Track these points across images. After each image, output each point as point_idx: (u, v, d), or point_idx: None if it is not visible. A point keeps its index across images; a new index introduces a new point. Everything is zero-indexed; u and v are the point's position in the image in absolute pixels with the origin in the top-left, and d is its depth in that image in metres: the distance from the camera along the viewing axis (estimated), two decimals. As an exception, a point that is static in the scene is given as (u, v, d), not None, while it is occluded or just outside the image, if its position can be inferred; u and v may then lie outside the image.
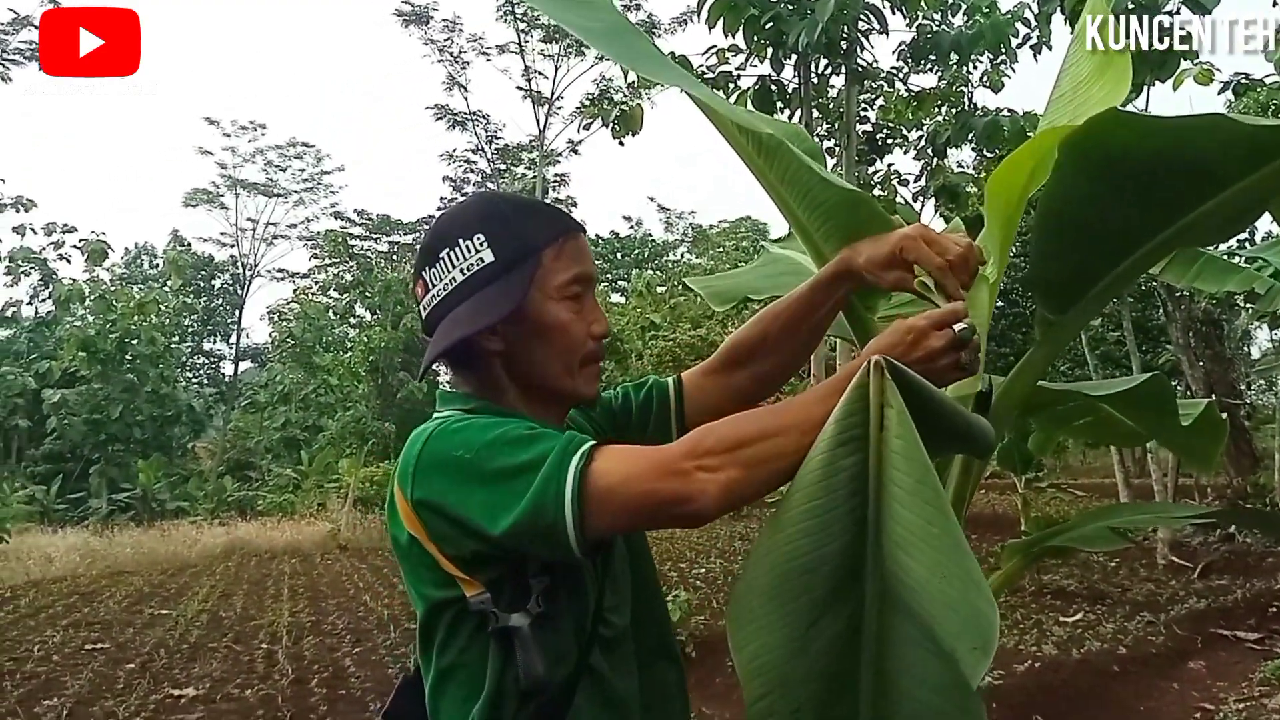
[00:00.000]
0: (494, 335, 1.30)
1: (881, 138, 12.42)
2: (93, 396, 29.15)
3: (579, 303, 1.32)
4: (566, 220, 1.34)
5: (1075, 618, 7.77)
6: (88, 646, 8.96)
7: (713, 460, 1.08)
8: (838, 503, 1.02)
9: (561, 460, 1.11)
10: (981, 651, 0.95)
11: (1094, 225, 1.21)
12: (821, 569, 1.02)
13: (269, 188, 41.78)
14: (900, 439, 1.01)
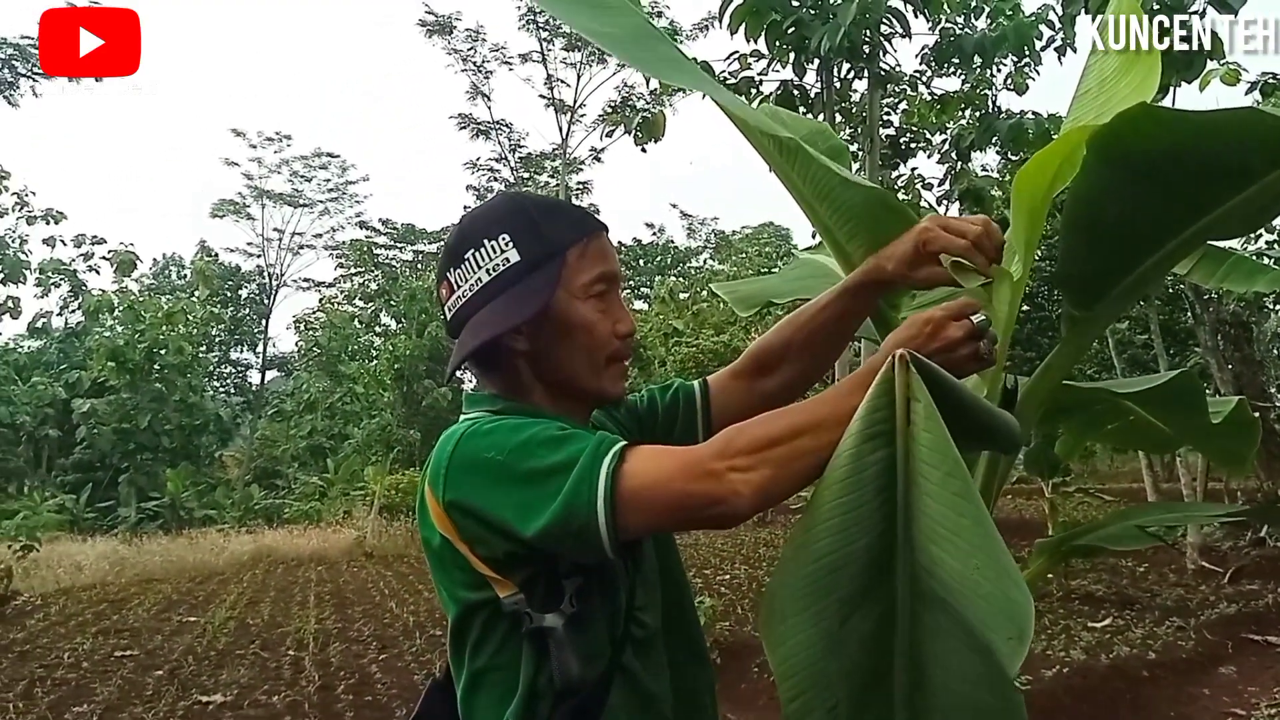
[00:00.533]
0: (520, 335, 1.30)
1: (905, 142, 12.38)
2: (122, 406, 29.41)
3: (604, 301, 1.32)
4: (590, 220, 1.34)
5: (1104, 623, 7.70)
6: (117, 653, 9.04)
7: (744, 460, 1.07)
8: (866, 498, 1.02)
9: (594, 461, 1.11)
10: (1018, 641, 0.95)
11: (1121, 221, 1.20)
12: (851, 566, 1.02)
13: (294, 198, 42.11)
14: (928, 432, 1.01)
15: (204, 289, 37.70)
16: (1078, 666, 6.41)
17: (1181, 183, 1.14)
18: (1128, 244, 1.23)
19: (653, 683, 1.29)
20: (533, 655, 1.20)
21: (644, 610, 1.30)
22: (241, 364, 45.56)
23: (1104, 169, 1.15)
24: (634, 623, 1.28)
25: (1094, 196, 1.19)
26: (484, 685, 1.24)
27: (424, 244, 44.03)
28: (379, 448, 30.62)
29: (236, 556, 17.89)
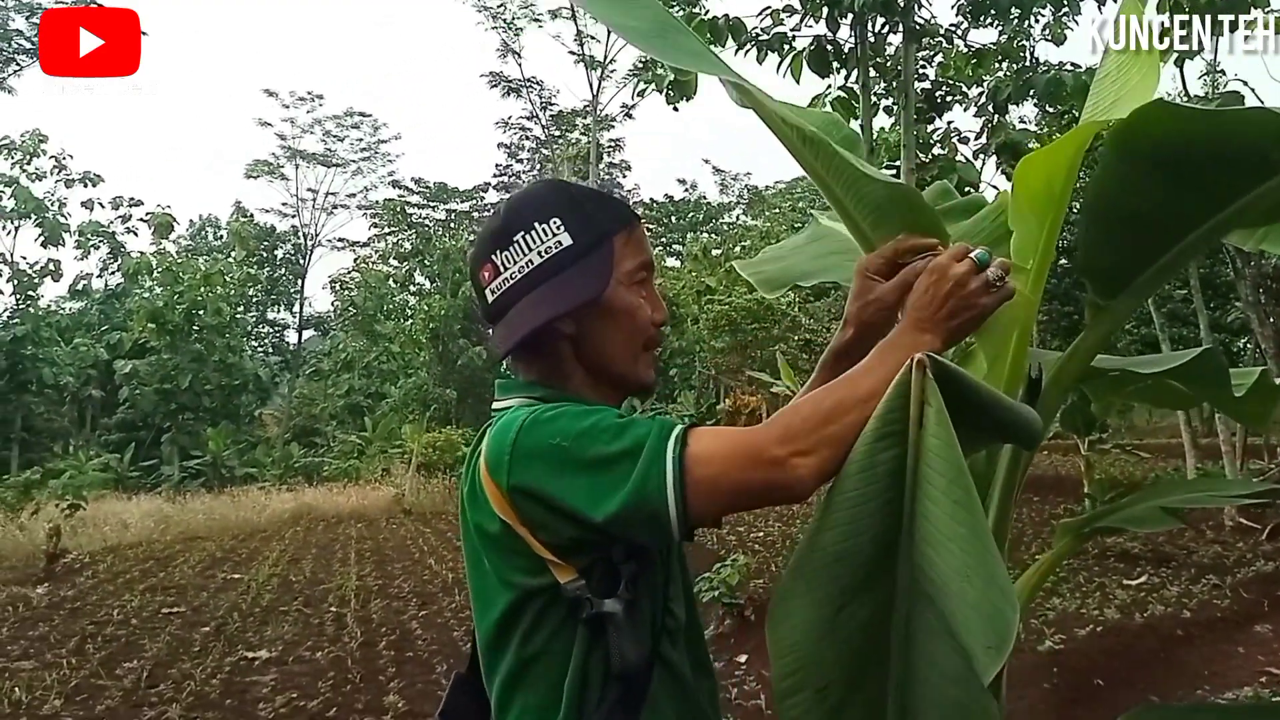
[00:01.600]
0: (568, 318, 1.30)
1: (941, 95, 12.19)
2: (162, 366, 29.86)
3: (644, 288, 1.35)
4: (630, 209, 1.37)
5: (1139, 581, 7.68)
6: (164, 610, 9.26)
7: (804, 443, 1.10)
8: (873, 495, 1.05)
9: (659, 447, 1.13)
10: (996, 650, 0.98)
11: (1140, 214, 1.21)
12: (856, 557, 1.05)
13: (327, 158, 42.27)
14: (936, 437, 1.03)
15: (240, 250, 38.08)
16: (1111, 625, 6.41)
17: (1199, 176, 1.14)
18: (1147, 237, 1.24)
19: (688, 673, 1.32)
20: (587, 641, 1.22)
21: (674, 602, 1.34)
22: (278, 324, 46.03)
23: (1122, 163, 1.16)
24: (668, 614, 1.31)
25: (1112, 190, 1.20)
26: (532, 672, 1.25)
27: (456, 203, 44.14)
28: (416, 406, 30.99)
29: (278, 514, 18.20)
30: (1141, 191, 1.18)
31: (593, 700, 1.22)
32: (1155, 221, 1.21)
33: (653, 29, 1.20)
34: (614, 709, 1.21)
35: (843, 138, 1.70)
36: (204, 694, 6.25)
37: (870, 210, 1.36)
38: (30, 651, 7.62)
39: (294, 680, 6.54)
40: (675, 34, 1.22)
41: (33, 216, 33.71)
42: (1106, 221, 1.25)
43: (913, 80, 10.68)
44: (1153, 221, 1.22)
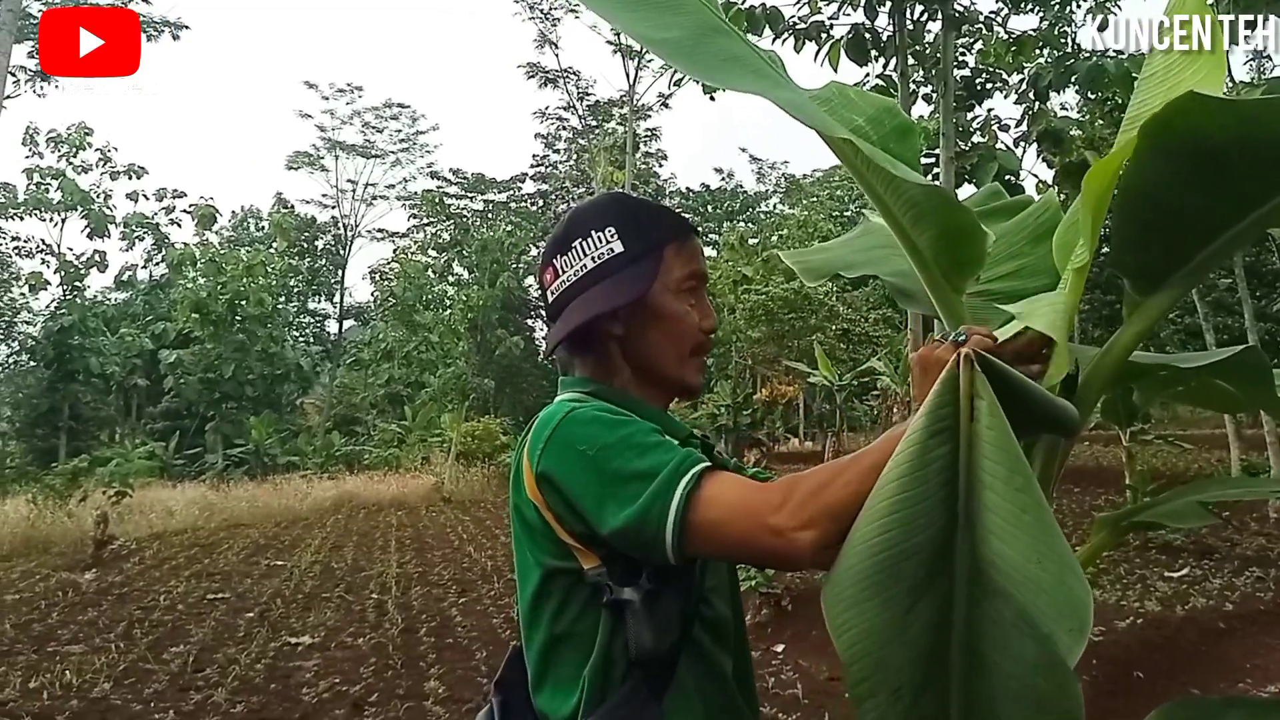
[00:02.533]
0: (617, 319, 1.40)
1: (980, 83, 12.09)
2: (206, 356, 30.27)
3: (693, 297, 1.43)
4: (685, 223, 1.46)
5: (1181, 573, 7.61)
6: (209, 596, 9.42)
7: (806, 515, 1.12)
8: (930, 492, 1.06)
9: (673, 478, 1.18)
10: (1078, 633, 0.99)
11: (1178, 209, 1.20)
12: (917, 555, 1.06)
13: (367, 149, 42.52)
14: (991, 429, 1.04)
15: (282, 241, 38.48)
16: (1152, 617, 6.36)
17: (1233, 172, 1.13)
18: (1183, 233, 1.23)
19: (723, 661, 1.37)
20: (610, 623, 1.28)
21: (714, 592, 1.38)
22: (319, 314, 46.43)
23: (1155, 157, 1.16)
24: (704, 602, 1.35)
25: (1146, 185, 1.20)
26: (564, 648, 1.32)
27: (494, 193, 44.28)
28: (455, 395, 31.22)
29: (319, 502, 18.41)
30: (1176, 186, 1.17)
31: (616, 681, 1.28)
32: (1191, 217, 1.21)
33: (687, 37, 1.20)
34: (636, 690, 1.28)
35: (896, 126, 1.70)
36: (248, 678, 6.35)
37: (909, 208, 1.37)
38: (80, 635, 7.77)
39: (336, 665, 6.64)
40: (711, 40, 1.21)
41: (79, 208, 34.32)
42: (1141, 217, 1.25)
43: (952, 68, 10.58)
44: (1189, 217, 1.21)
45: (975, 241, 1.39)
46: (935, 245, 1.40)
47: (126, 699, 5.96)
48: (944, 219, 1.35)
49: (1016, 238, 1.79)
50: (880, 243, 1.91)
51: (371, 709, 5.70)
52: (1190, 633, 6.05)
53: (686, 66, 1.18)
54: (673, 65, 1.19)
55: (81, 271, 34.79)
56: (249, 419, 28.90)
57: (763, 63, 1.26)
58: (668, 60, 1.19)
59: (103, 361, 31.84)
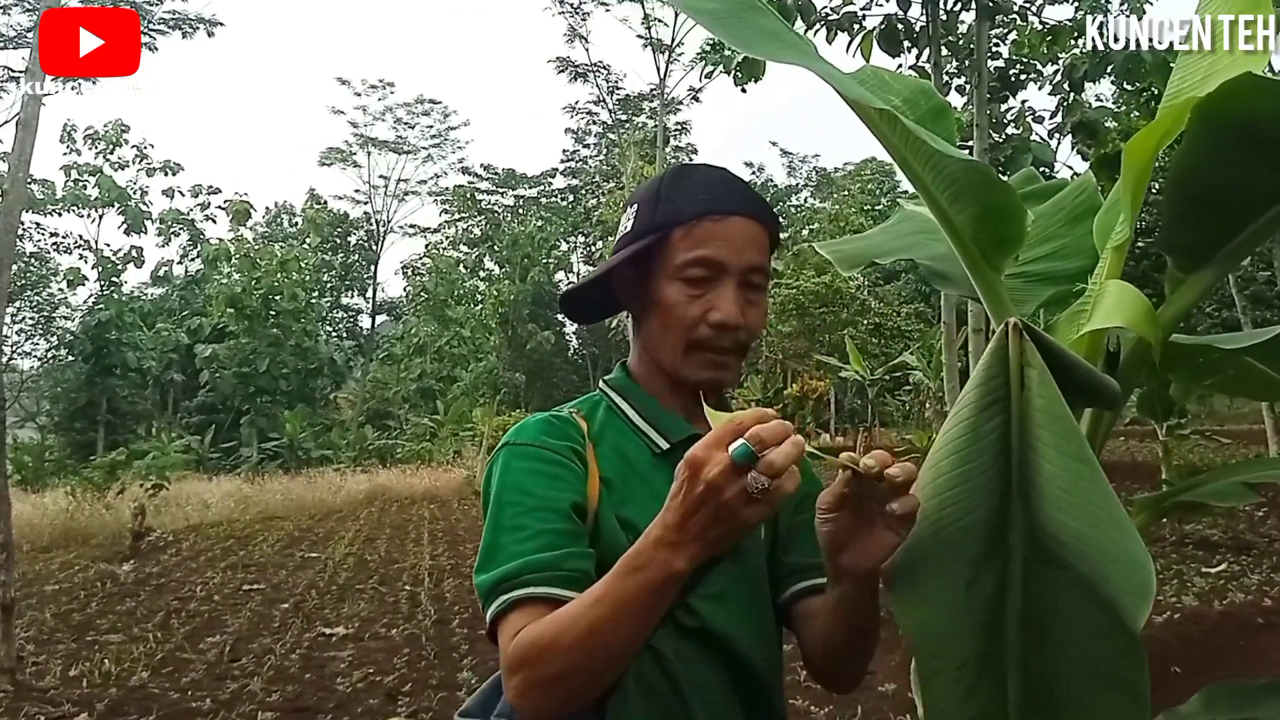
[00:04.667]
0: (633, 300, 1.36)
1: (1014, 74, 11.98)
2: (241, 350, 30.56)
3: (699, 286, 1.27)
4: (717, 202, 1.29)
5: (1218, 568, 7.52)
6: (245, 587, 9.52)
7: (526, 679, 1.05)
8: (987, 464, 1.04)
9: (494, 589, 1.14)
10: (1141, 596, 0.98)
11: (1225, 189, 1.20)
12: (977, 529, 1.05)
13: (399, 145, 42.72)
14: (1043, 397, 1.03)
15: (315, 236, 38.78)
16: (1189, 613, 6.30)
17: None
18: (1231, 211, 1.22)
19: (694, 672, 1.24)
20: None
21: (712, 600, 1.26)
22: (352, 309, 46.74)
23: (1207, 137, 1.15)
24: (683, 609, 1.23)
25: (1198, 164, 1.19)
26: None
27: (524, 188, 44.41)
28: (486, 390, 31.38)
29: (352, 495, 18.55)
30: (1227, 166, 1.16)
31: None
32: (1240, 196, 1.20)
33: (727, 10, 1.20)
34: None
35: (931, 108, 1.68)
36: (284, 668, 6.42)
37: (948, 186, 1.36)
38: (118, 625, 7.88)
39: (370, 656, 6.69)
40: (754, 15, 1.21)
41: (116, 205, 34.74)
42: (1190, 195, 1.24)
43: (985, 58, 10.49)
44: (1237, 196, 1.20)
45: (1015, 220, 1.37)
46: (974, 223, 1.39)
47: (164, 687, 6.03)
48: (984, 196, 1.34)
49: (1054, 219, 1.77)
50: (916, 228, 1.89)
51: (405, 699, 5.74)
52: (1228, 628, 5.98)
53: (728, 36, 1.18)
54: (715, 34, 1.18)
55: (119, 267, 35.24)
56: (283, 413, 29.16)
57: (799, 40, 1.26)
58: (710, 30, 1.19)
59: (140, 356, 32.22)
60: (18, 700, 5.73)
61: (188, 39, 25.77)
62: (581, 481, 1.25)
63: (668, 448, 1.30)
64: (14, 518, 6.56)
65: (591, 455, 1.29)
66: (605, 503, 1.26)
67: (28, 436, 29.40)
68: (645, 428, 1.33)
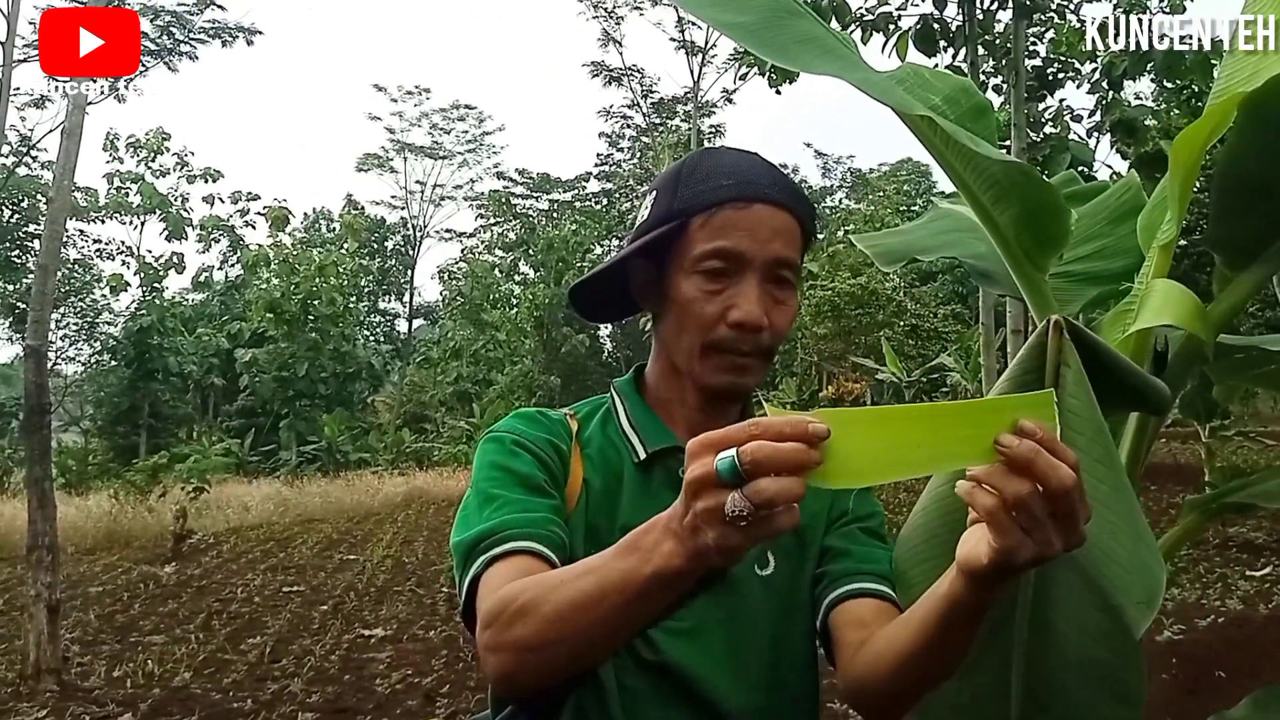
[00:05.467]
0: (648, 298, 1.24)
1: (1052, 72, 11.86)
2: (280, 355, 30.84)
3: (718, 281, 1.14)
4: (740, 188, 1.15)
5: (1263, 571, 7.41)
6: (285, 589, 9.61)
7: (496, 638, 0.94)
8: None
9: (473, 551, 1.06)
10: (1147, 606, 0.98)
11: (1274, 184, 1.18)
12: None
13: (435, 150, 42.98)
14: (1075, 398, 1.02)
15: (352, 241, 39.05)
16: (1233, 616, 6.20)
17: None
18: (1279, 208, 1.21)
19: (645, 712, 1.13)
20: None
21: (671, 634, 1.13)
22: (389, 313, 47.06)
23: (1256, 132, 1.13)
24: (643, 640, 1.12)
25: (1246, 159, 1.17)
26: None
27: (559, 193, 44.53)
28: (521, 393, 31.47)
29: (390, 497, 18.65)
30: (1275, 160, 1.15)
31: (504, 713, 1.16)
32: (1288, 193, 1.19)
33: (761, 20, 1.17)
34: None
35: (973, 106, 1.66)
36: (323, 669, 6.48)
37: (990, 186, 1.35)
38: (160, 627, 7.99)
39: (408, 657, 6.73)
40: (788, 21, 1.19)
41: (157, 212, 35.23)
42: (1238, 191, 1.22)
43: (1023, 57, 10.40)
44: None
45: (1059, 219, 1.36)
46: (1018, 223, 1.37)
47: (206, 688, 6.10)
48: (1026, 196, 1.33)
49: (1097, 218, 1.75)
50: (956, 226, 1.88)
51: (443, 700, 5.77)
52: (1274, 631, 5.89)
53: (760, 49, 1.16)
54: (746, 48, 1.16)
55: (160, 273, 35.66)
56: (322, 416, 29.40)
57: (837, 43, 1.25)
58: (741, 43, 1.17)
59: (181, 361, 32.62)
60: (64, 700, 5.82)
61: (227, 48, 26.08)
62: (558, 476, 1.18)
63: (644, 457, 1.21)
64: (59, 520, 6.67)
65: (576, 456, 1.22)
66: (579, 508, 1.18)
67: (72, 440, 29.79)
68: (630, 434, 1.24)
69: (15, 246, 31.93)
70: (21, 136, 27.74)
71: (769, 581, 1.20)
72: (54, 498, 6.47)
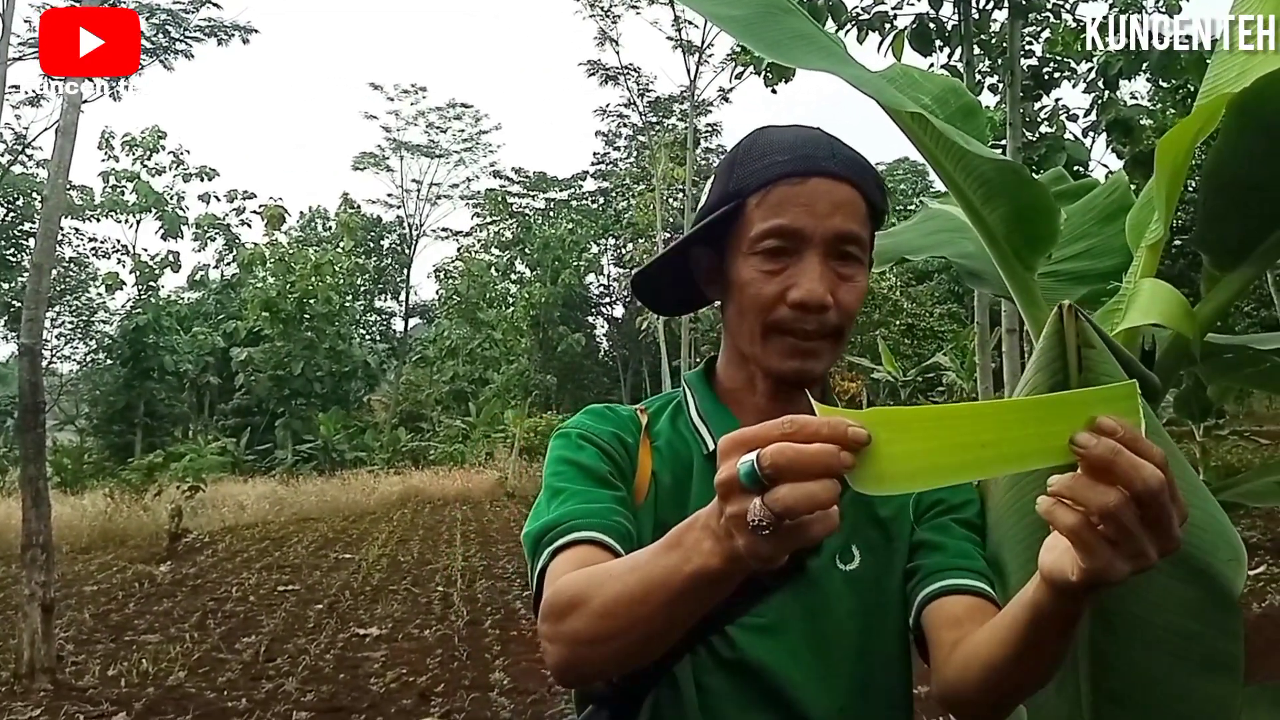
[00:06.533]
0: (713, 284, 1.21)
1: (1048, 72, 11.86)
2: (276, 354, 30.80)
3: (774, 261, 1.10)
4: (795, 162, 1.11)
5: (1257, 570, 7.42)
6: (280, 588, 9.61)
7: (553, 629, 0.94)
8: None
9: (540, 539, 1.06)
10: (1237, 562, 0.96)
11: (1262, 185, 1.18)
12: None
13: (431, 149, 42.91)
14: (1107, 376, 1.00)
15: (348, 240, 38.99)
16: (1236, 609, 6.21)
17: None
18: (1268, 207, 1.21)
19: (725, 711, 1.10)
20: None
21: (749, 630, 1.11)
22: (385, 312, 46.98)
23: (1244, 133, 1.14)
24: (721, 638, 1.11)
25: (1234, 160, 1.17)
26: None
27: (555, 191, 44.52)
28: (518, 392, 31.49)
29: (386, 496, 18.66)
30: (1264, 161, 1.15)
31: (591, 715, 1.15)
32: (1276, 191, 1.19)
33: (755, 15, 1.18)
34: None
35: (962, 106, 1.66)
36: (318, 668, 6.47)
37: (980, 185, 1.35)
38: (155, 625, 7.98)
39: (403, 656, 6.73)
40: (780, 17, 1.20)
41: (153, 210, 35.16)
42: (1226, 191, 1.22)
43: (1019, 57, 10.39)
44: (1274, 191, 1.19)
45: (1048, 218, 1.36)
46: (1007, 222, 1.37)
47: (201, 687, 6.10)
48: (1016, 195, 1.33)
49: (1085, 218, 1.76)
50: (946, 226, 1.89)
51: (438, 699, 5.77)
52: (1268, 630, 5.90)
53: (754, 43, 1.16)
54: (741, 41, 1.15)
55: (156, 271, 35.61)
56: (317, 415, 29.36)
57: (829, 41, 1.25)
58: (735, 36, 1.17)
59: (176, 359, 32.54)
60: (58, 699, 5.81)
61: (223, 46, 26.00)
62: (624, 469, 1.16)
63: (713, 449, 1.15)
64: (54, 519, 6.66)
65: (646, 450, 1.19)
66: (648, 502, 1.16)
67: (67, 439, 29.74)
68: (700, 426, 1.20)
69: (10, 245, 31.84)
70: (16, 134, 27.68)
71: (853, 576, 1.15)
72: (49, 496, 6.46)
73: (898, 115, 1.28)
